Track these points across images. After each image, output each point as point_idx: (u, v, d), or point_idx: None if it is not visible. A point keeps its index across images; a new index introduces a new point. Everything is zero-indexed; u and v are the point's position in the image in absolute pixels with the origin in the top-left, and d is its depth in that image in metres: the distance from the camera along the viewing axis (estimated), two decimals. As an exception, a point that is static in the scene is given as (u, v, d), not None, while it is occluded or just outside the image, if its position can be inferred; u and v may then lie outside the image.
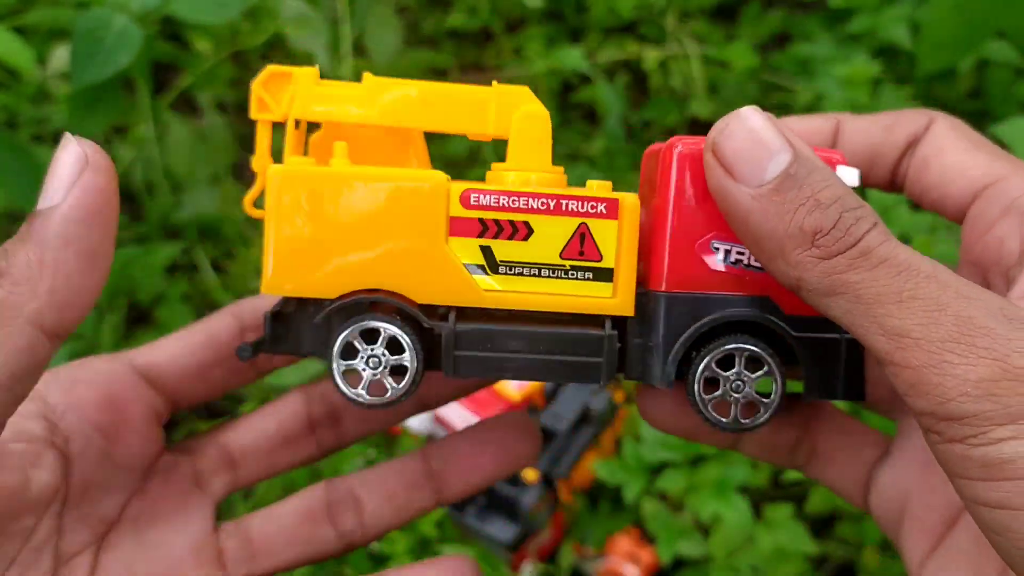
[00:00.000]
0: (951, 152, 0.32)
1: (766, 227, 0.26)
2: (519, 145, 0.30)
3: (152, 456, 0.36)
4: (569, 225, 0.29)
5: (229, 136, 1.03)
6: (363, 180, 0.29)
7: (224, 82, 1.05)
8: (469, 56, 1.17)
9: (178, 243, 0.89)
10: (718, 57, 1.01)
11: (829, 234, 0.26)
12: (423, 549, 0.66)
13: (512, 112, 0.30)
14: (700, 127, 1.03)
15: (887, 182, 0.35)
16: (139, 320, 0.92)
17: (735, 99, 1.00)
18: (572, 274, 0.29)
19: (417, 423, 0.76)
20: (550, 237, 0.29)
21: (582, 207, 0.29)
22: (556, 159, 0.31)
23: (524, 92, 0.31)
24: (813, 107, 0.89)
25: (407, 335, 0.29)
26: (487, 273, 0.29)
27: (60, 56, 1.00)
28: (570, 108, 1.08)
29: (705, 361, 0.29)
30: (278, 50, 1.17)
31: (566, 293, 0.29)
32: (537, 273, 0.29)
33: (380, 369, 0.29)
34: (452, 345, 0.29)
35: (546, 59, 1.02)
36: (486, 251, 0.29)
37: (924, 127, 0.34)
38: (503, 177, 0.31)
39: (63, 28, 0.99)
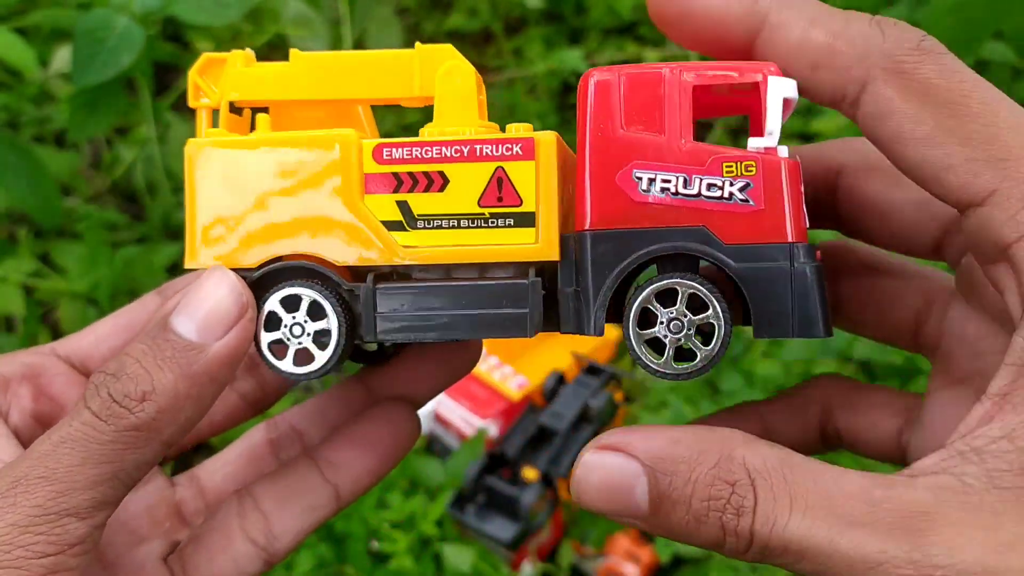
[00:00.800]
0: (911, 145, 0.26)
1: (682, 541, 0.26)
2: (444, 102, 0.29)
3: None
4: (485, 170, 0.28)
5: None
6: (272, 145, 0.29)
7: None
8: (470, 57, 1.17)
9: (180, 243, 0.89)
10: (717, 58, 1.01)
11: (726, 543, 0.25)
12: (423, 548, 0.67)
13: (436, 71, 0.29)
14: (699, 126, 1.04)
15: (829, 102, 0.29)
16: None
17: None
18: (492, 222, 0.28)
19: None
20: (466, 185, 0.28)
21: (497, 150, 0.28)
22: None
23: (447, 49, 0.30)
24: (812, 107, 0.90)
25: (326, 298, 0.28)
26: (405, 229, 0.28)
27: (62, 57, 1.00)
28: (570, 108, 1.08)
29: (638, 300, 0.27)
30: (279, 51, 1.17)
31: (488, 243, 0.28)
32: (456, 224, 0.28)
33: (304, 336, 0.28)
34: (371, 305, 0.28)
35: (546, 60, 1.03)
36: (403, 206, 0.28)
37: (857, 85, 0.27)
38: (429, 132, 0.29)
39: (65, 29, 0.99)
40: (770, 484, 0.25)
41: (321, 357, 0.28)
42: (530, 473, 0.66)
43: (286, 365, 0.29)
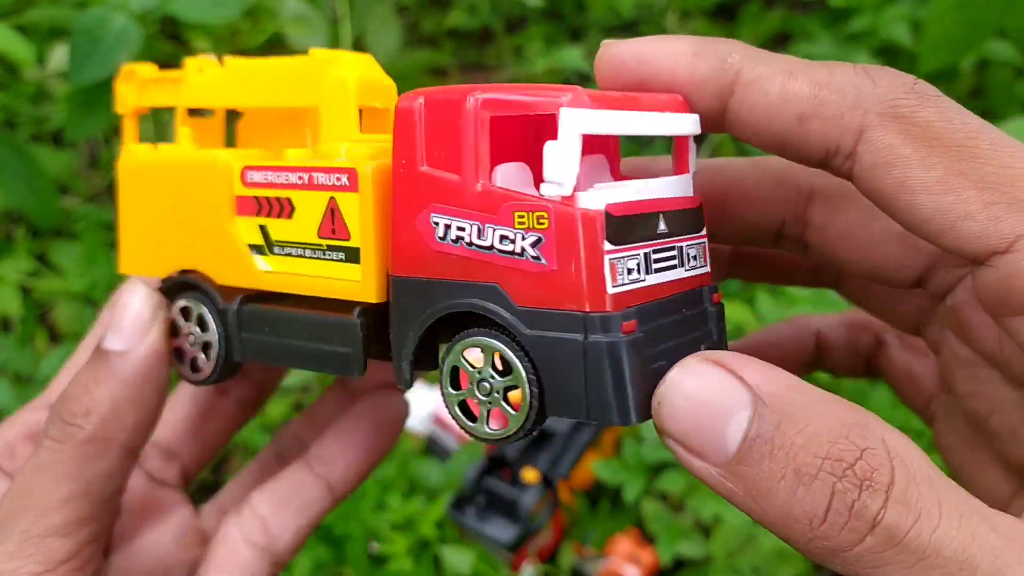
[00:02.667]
0: (923, 193, 0.23)
1: (756, 511, 0.20)
2: (326, 115, 0.27)
3: None
4: (321, 200, 0.26)
5: (230, 135, 1.03)
6: (168, 165, 0.31)
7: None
8: (469, 56, 1.16)
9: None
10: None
11: (827, 520, 0.19)
12: (423, 550, 0.66)
13: (320, 79, 0.27)
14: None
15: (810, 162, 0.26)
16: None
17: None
18: (328, 255, 0.27)
19: (417, 424, 0.76)
20: (308, 214, 0.27)
21: (328, 179, 0.26)
22: None
23: (339, 56, 0.27)
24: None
25: (209, 311, 0.29)
26: (264, 254, 0.28)
27: (59, 55, 1.00)
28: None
29: (448, 359, 0.24)
30: (278, 50, 1.17)
31: (324, 276, 0.27)
32: (302, 254, 0.27)
33: (194, 346, 0.30)
34: (236, 325, 0.29)
35: (546, 58, 1.02)
36: (263, 231, 0.28)
37: (853, 135, 0.24)
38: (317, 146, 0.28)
39: (62, 27, 0.99)
40: (912, 472, 0.19)
41: (206, 367, 0.30)
42: (530, 475, 0.66)
43: (184, 369, 0.31)
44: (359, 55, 0.28)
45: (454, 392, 0.24)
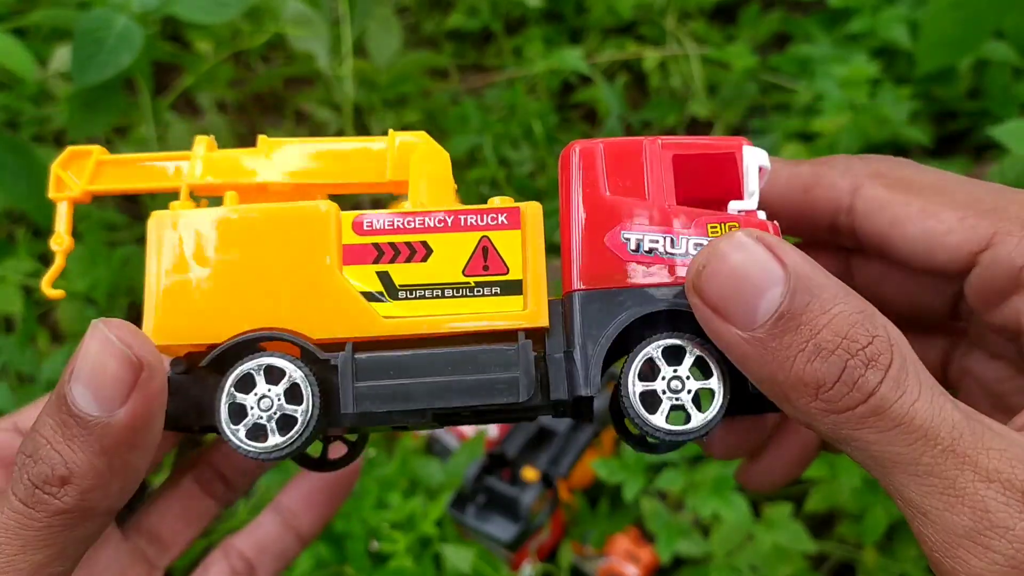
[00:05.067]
0: (909, 223, 0.29)
1: (765, 372, 0.24)
2: (419, 185, 0.29)
3: None
4: (470, 240, 0.28)
5: (230, 136, 1.03)
6: (248, 215, 0.28)
7: (225, 82, 1.05)
8: (469, 57, 1.17)
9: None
10: (717, 58, 1.01)
11: (833, 388, 0.23)
12: (423, 548, 0.66)
13: (409, 156, 0.29)
14: (699, 127, 1.03)
15: (817, 237, 0.33)
16: (139, 320, 0.92)
17: (734, 99, 1.00)
18: (478, 291, 0.27)
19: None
20: (451, 255, 0.27)
21: (482, 220, 0.28)
22: (557, 159, 0.30)
23: (421, 137, 0.30)
24: (812, 107, 0.90)
25: (298, 369, 0.27)
26: (386, 300, 0.27)
27: (61, 56, 1.00)
28: (570, 108, 1.08)
29: (644, 351, 0.26)
30: (279, 51, 1.17)
31: (474, 311, 0.27)
32: (440, 294, 0.27)
33: (270, 412, 0.27)
34: (351, 376, 0.26)
35: (546, 59, 1.03)
36: (383, 277, 0.28)
37: (848, 194, 0.31)
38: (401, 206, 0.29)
39: (64, 29, 0.99)
40: (904, 357, 0.24)
41: (277, 436, 0.27)
42: (530, 473, 0.66)
43: (239, 437, 0.27)
44: (418, 134, 0.30)
45: (640, 382, 0.26)
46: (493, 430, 0.72)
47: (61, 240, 0.31)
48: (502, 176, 0.99)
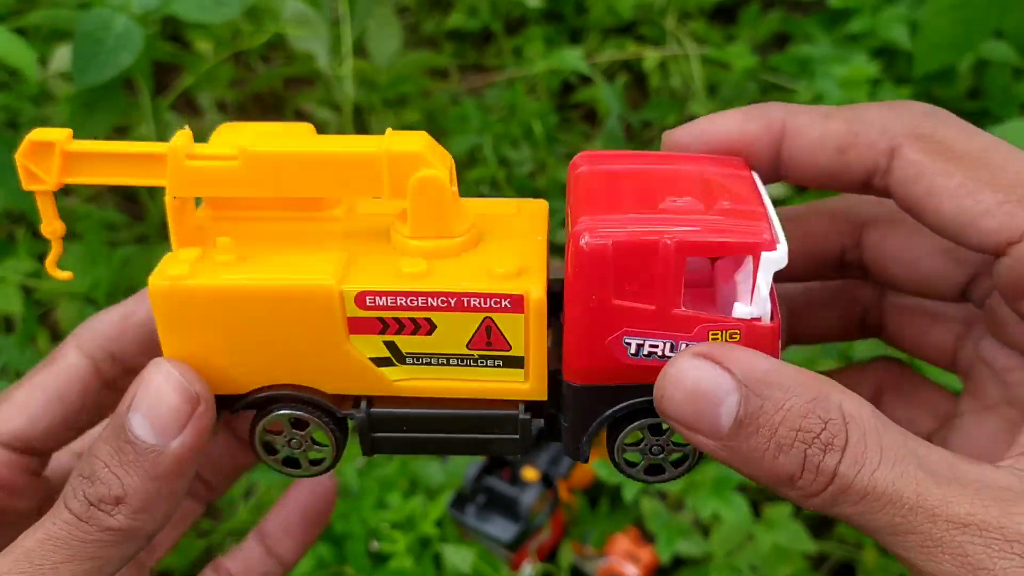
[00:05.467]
0: (946, 198, 0.28)
1: (746, 471, 0.26)
2: (418, 213, 0.29)
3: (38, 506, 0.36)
4: (473, 320, 0.28)
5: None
6: (254, 290, 0.28)
7: (225, 82, 1.05)
8: (469, 57, 1.17)
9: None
10: (717, 57, 1.01)
11: (802, 477, 0.25)
12: (423, 548, 0.67)
13: (407, 176, 0.28)
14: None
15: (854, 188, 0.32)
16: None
17: (734, 99, 1.00)
18: (482, 362, 0.29)
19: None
20: (454, 331, 0.28)
21: (485, 303, 0.28)
22: (557, 159, 0.30)
23: (417, 156, 0.28)
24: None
25: (325, 424, 0.30)
26: (394, 364, 0.29)
27: (61, 56, 1.00)
28: (570, 108, 1.08)
29: (630, 427, 0.29)
30: (279, 50, 1.17)
31: (477, 379, 0.29)
32: (446, 362, 0.29)
33: (300, 451, 0.30)
34: (368, 429, 0.29)
35: (546, 59, 1.03)
36: (391, 345, 0.28)
37: (886, 156, 0.29)
38: (406, 246, 0.29)
39: (64, 29, 0.99)
40: (863, 431, 0.25)
41: (308, 465, 0.31)
42: (530, 473, 0.66)
43: (278, 466, 0.30)
44: (417, 135, 0.29)
45: (630, 448, 0.30)
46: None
47: (51, 227, 0.31)
48: (502, 176, 0.99)
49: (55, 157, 0.29)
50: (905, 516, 0.24)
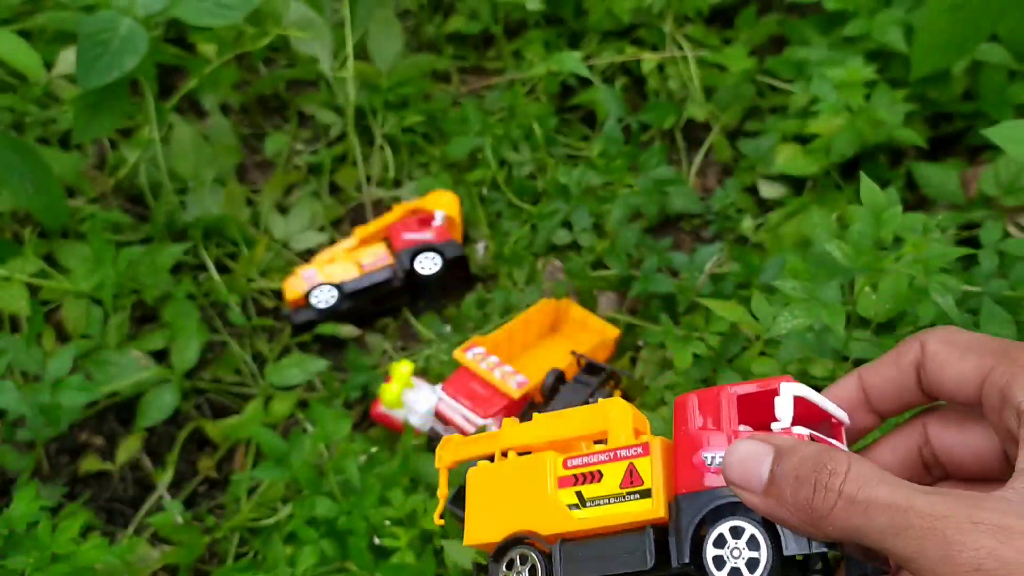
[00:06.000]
0: (949, 366, 0.38)
1: (780, 515, 0.35)
2: (614, 432, 0.43)
3: None
4: (622, 466, 0.42)
5: (233, 138, 1.04)
6: (508, 469, 0.45)
7: (228, 85, 1.06)
8: (470, 59, 1.18)
9: (183, 243, 0.90)
10: (714, 60, 1.02)
11: (815, 499, 0.33)
12: (425, 543, 0.67)
13: (608, 412, 0.44)
14: (697, 129, 1.04)
15: (920, 400, 0.41)
16: (145, 319, 0.94)
17: (731, 102, 1.01)
18: (627, 497, 0.41)
19: (418, 420, 0.78)
20: (613, 476, 0.42)
21: (629, 452, 0.42)
22: (556, 161, 0.31)
23: (616, 404, 0.44)
24: (809, 109, 0.91)
25: (537, 556, 0.42)
26: (580, 508, 0.42)
27: (66, 59, 1.01)
28: (569, 110, 1.09)
29: (716, 528, 0.38)
30: (281, 53, 1.18)
31: (624, 511, 0.41)
32: (607, 501, 0.42)
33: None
34: (559, 559, 0.42)
35: (545, 62, 1.04)
36: (579, 494, 0.42)
37: (920, 349, 0.39)
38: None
39: (69, 31, 1.00)
40: (862, 464, 0.33)
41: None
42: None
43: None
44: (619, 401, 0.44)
45: (715, 549, 0.38)
46: (494, 428, 0.73)
47: (444, 491, 0.51)
48: (502, 177, 1.00)
49: (451, 448, 0.50)
50: (901, 517, 0.31)
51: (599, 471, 0.43)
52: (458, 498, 0.66)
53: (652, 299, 0.85)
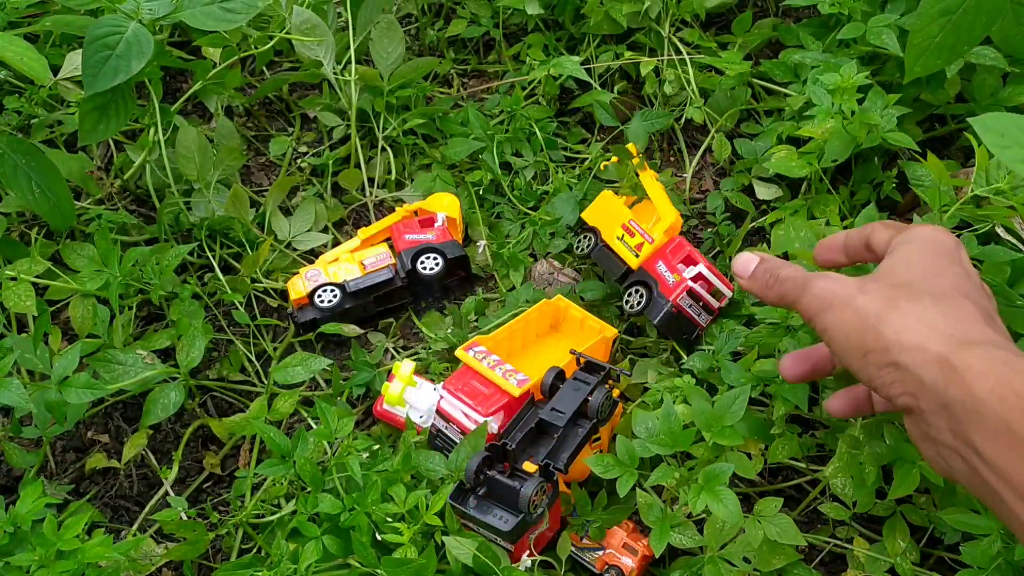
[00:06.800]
0: (880, 234, 0.60)
1: (755, 292, 0.61)
2: None
3: None
4: None
5: (238, 140, 1.05)
6: None
7: (232, 87, 1.07)
8: (471, 63, 1.19)
9: (188, 244, 0.91)
10: (711, 64, 1.03)
11: (777, 285, 0.59)
12: (427, 539, 0.68)
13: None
14: (694, 131, 1.06)
15: (869, 258, 0.62)
16: (151, 319, 0.95)
17: (727, 104, 1.02)
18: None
19: (420, 417, 0.79)
20: None
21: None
22: (557, 163, 0.32)
23: None
24: (804, 112, 0.92)
25: None
26: None
27: (73, 62, 1.02)
28: (569, 113, 1.10)
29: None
30: (285, 56, 1.19)
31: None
32: None
33: None
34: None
35: (545, 66, 1.05)
36: None
37: (870, 231, 0.61)
38: None
39: (76, 34, 1.01)
40: (792, 267, 0.60)
41: None
42: (530, 466, 0.68)
43: None
44: None
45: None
46: (494, 426, 0.74)
47: None
48: (505, 182, 1.01)
49: None
50: (800, 283, 0.57)
51: None
52: (459, 493, 0.67)
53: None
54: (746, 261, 0.61)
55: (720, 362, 0.79)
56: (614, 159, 0.94)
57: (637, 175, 0.91)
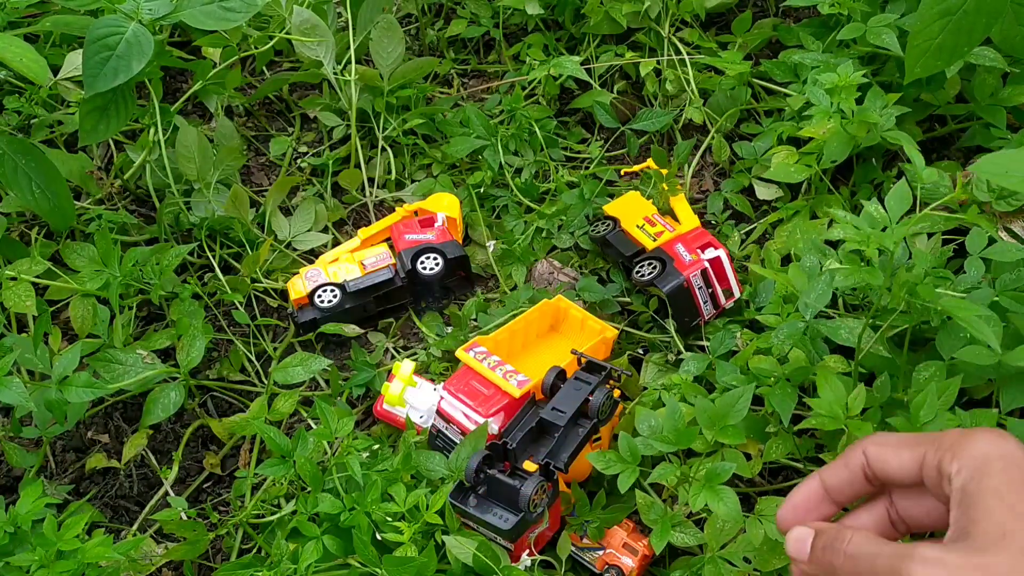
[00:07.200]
0: (890, 461, 0.47)
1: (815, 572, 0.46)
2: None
3: None
4: None
5: (238, 140, 1.05)
6: None
7: (233, 88, 1.07)
8: (470, 63, 1.19)
9: (188, 244, 0.91)
10: (711, 64, 1.03)
11: (848, 559, 0.43)
12: (427, 538, 0.68)
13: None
14: (694, 131, 1.06)
15: (870, 490, 0.49)
16: (151, 319, 0.95)
17: (727, 104, 1.02)
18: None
19: (420, 418, 0.79)
20: None
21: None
22: (557, 163, 0.32)
23: None
24: (804, 112, 0.92)
25: None
26: None
27: (73, 62, 1.02)
28: (568, 114, 1.10)
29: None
30: (285, 56, 1.19)
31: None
32: None
33: None
34: None
35: (545, 66, 1.05)
36: None
37: (862, 455, 0.48)
38: None
39: (76, 35, 1.01)
40: (857, 533, 0.44)
41: None
42: (530, 466, 0.68)
43: None
44: None
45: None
46: (495, 426, 0.74)
47: None
48: (508, 178, 1.01)
49: None
50: (876, 559, 0.42)
51: None
52: (460, 492, 0.67)
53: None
54: (800, 540, 0.47)
55: (716, 363, 0.79)
56: (646, 165, 0.97)
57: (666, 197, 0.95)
